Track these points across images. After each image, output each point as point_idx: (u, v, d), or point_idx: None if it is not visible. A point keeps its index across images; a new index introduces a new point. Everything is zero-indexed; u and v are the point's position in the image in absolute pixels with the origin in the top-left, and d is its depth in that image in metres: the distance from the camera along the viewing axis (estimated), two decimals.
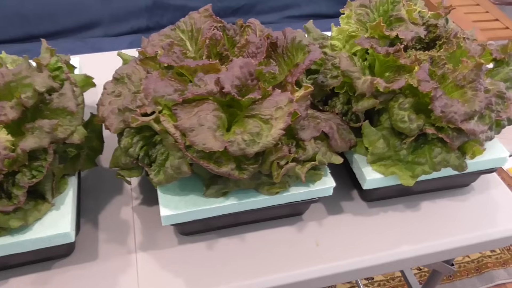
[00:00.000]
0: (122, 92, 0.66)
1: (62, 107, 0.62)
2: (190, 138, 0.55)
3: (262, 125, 0.58)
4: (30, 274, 0.65)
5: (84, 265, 0.67)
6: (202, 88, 0.58)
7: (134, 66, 0.69)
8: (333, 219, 0.75)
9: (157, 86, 0.59)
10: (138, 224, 0.72)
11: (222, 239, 0.71)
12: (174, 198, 0.64)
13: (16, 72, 0.62)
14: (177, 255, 0.69)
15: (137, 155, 0.63)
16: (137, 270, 0.66)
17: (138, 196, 0.76)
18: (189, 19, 0.75)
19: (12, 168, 0.57)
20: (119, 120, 0.63)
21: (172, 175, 0.60)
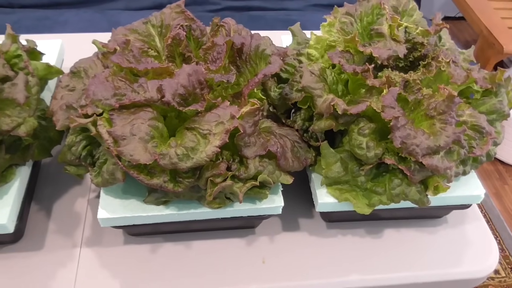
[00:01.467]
0: (77, 88, 0.65)
1: (11, 98, 0.62)
2: (119, 147, 0.54)
3: (200, 140, 0.56)
4: None
5: (28, 254, 0.68)
6: (141, 95, 0.56)
7: (93, 60, 0.68)
8: (286, 236, 0.72)
9: (97, 89, 0.57)
10: (90, 217, 0.72)
11: (168, 244, 0.70)
12: (115, 201, 0.63)
13: None
14: (120, 255, 0.68)
15: (79, 154, 0.62)
16: (78, 265, 0.67)
17: (96, 189, 0.76)
18: (160, 14, 0.73)
19: None
20: (65, 117, 0.62)
21: (107, 180, 0.59)
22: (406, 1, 0.77)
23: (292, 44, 0.81)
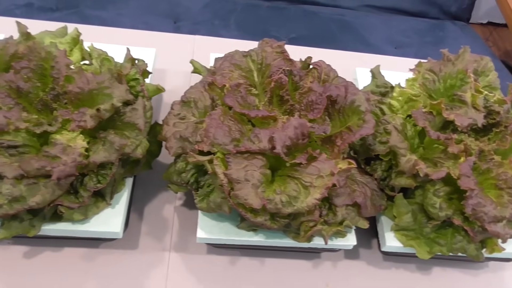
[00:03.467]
0: (186, 116, 0.73)
1: (132, 123, 0.70)
2: (234, 190, 0.62)
3: (301, 190, 0.64)
4: (81, 248, 0.77)
5: (125, 251, 0.78)
6: (256, 145, 0.64)
7: (202, 92, 0.75)
8: (348, 263, 0.82)
9: (217, 133, 0.65)
10: (176, 224, 0.82)
11: (244, 258, 0.80)
12: (211, 222, 0.72)
13: (99, 81, 0.70)
14: (203, 263, 0.78)
15: (188, 180, 0.70)
16: (168, 267, 0.77)
17: (182, 197, 0.85)
18: (262, 52, 0.79)
19: (82, 171, 0.67)
20: (178, 145, 0.70)
21: (213, 209, 0.68)
22: (485, 63, 0.83)
23: (371, 85, 0.88)
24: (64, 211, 0.66)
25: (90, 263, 0.76)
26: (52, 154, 0.64)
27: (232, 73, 0.75)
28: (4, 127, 0.63)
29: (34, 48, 0.69)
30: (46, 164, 0.63)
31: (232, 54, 0.80)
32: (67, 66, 0.69)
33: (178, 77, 1.04)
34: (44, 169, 0.62)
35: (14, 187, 0.62)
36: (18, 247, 0.75)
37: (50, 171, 0.62)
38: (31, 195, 0.63)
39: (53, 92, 0.70)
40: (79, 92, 0.69)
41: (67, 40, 0.76)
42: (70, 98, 0.70)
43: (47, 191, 0.64)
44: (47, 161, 0.63)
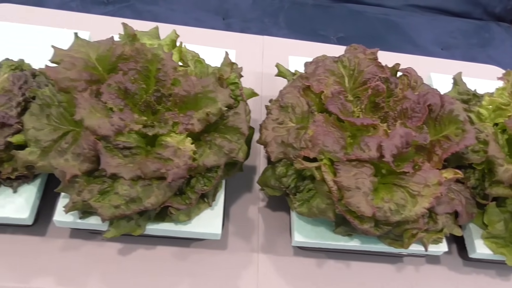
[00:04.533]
0: (284, 121, 0.74)
1: (235, 127, 0.71)
2: (345, 198, 0.63)
3: (408, 199, 0.65)
4: (173, 247, 0.78)
5: (215, 252, 0.79)
6: (366, 153, 0.65)
7: (298, 97, 0.76)
8: (429, 268, 0.83)
9: (326, 140, 0.66)
10: (262, 226, 0.83)
11: (330, 261, 0.81)
12: (307, 226, 0.74)
13: (204, 85, 0.70)
14: (290, 264, 0.80)
15: (289, 185, 0.72)
16: (258, 268, 0.78)
17: (264, 199, 0.87)
18: (354, 58, 0.80)
19: (189, 174, 0.68)
20: (280, 150, 0.71)
21: (315, 214, 0.69)
22: None
23: (452, 92, 0.88)
24: (174, 212, 0.67)
25: (182, 262, 0.77)
26: (165, 156, 0.65)
27: (327, 79, 0.76)
28: (122, 129, 0.64)
29: (142, 50, 0.70)
30: (161, 167, 0.64)
31: (322, 59, 0.81)
32: (174, 69, 0.70)
33: (250, 78, 1.04)
34: (159, 171, 0.64)
35: (132, 188, 0.64)
36: (113, 244, 0.77)
37: (165, 173, 0.64)
38: (146, 197, 0.64)
39: (157, 94, 0.71)
40: (185, 95, 0.70)
41: (166, 42, 0.77)
42: (175, 101, 0.71)
43: (160, 192, 0.65)
44: (161, 163, 0.64)
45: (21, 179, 0.70)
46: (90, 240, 0.77)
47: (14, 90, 0.72)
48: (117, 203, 0.63)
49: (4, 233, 0.76)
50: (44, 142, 0.66)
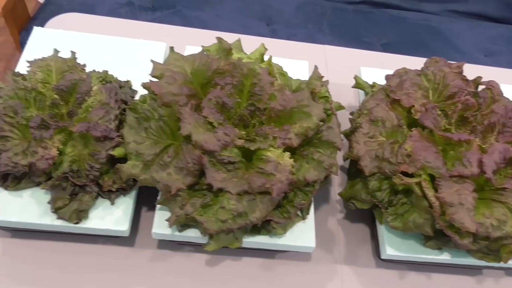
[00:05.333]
0: (375, 135, 0.75)
1: (330, 141, 0.71)
2: (448, 214, 0.64)
3: (509, 214, 0.66)
4: (258, 258, 0.79)
5: (299, 263, 0.80)
6: (468, 169, 0.66)
7: (387, 111, 0.76)
8: (508, 280, 0.83)
9: (428, 156, 0.67)
10: (342, 237, 0.84)
11: (413, 273, 0.82)
12: (397, 239, 0.74)
13: (299, 99, 0.71)
14: (374, 276, 0.80)
15: (382, 199, 0.72)
16: (342, 279, 0.79)
17: (342, 210, 0.87)
18: (439, 71, 0.80)
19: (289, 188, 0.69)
20: (374, 165, 0.72)
21: (411, 228, 0.70)
22: None
23: None
24: (275, 226, 0.68)
25: (269, 273, 0.78)
26: (267, 171, 0.66)
27: (416, 93, 0.77)
28: (229, 144, 0.65)
29: (238, 64, 0.71)
30: (266, 182, 0.65)
31: (404, 72, 0.82)
32: (271, 84, 0.71)
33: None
34: (264, 186, 0.65)
35: (239, 202, 0.64)
36: (201, 255, 0.78)
37: (270, 188, 0.65)
38: (252, 211, 0.65)
39: (250, 108, 0.72)
40: (281, 110, 0.71)
41: (256, 56, 0.78)
42: (269, 115, 0.71)
43: (263, 207, 0.66)
44: (265, 178, 0.65)
45: (119, 192, 0.71)
46: (177, 251, 0.78)
47: (111, 103, 0.73)
48: (224, 217, 0.64)
49: (95, 243, 0.77)
50: (146, 155, 0.67)
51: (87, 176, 0.69)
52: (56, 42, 0.86)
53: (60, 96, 0.72)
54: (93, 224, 0.69)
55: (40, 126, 0.68)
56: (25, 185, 0.71)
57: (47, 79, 0.73)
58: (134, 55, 0.91)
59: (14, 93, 0.69)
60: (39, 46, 0.87)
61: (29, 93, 0.70)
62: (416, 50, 1.57)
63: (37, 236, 0.76)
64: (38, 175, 0.70)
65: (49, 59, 0.74)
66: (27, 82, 0.71)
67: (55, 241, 0.76)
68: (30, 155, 0.66)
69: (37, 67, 0.72)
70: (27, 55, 0.87)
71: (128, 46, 0.92)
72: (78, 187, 0.70)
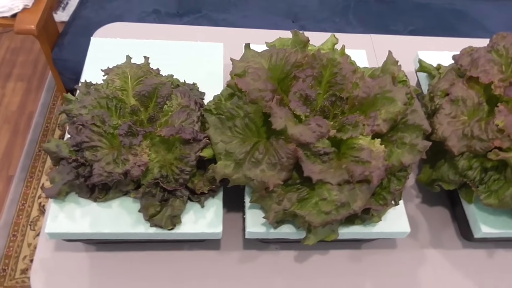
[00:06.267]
0: (457, 115, 0.74)
1: (417, 124, 0.70)
2: None
3: None
4: (345, 250, 0.78)
5: (387, 251, 0.79)
6: None
7: (465, 89, 0.76)
8: None
9: None
10: (423, 220, 0.83)
11: (501, 250, 0.81)
12: (489, 217, 0.74)
13: (382, 85, 0.71)
14: (463, 258, 0.79)
15: (474, 177, 0.71)
16: (433, 265, 0.78)
17: (418, 195, 0.86)
18: (510, 46, 0.79)
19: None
20: (463, 144, 0.71)
21: (508, 203, 0.69)
22: None
23: None
24: (375, 214, 0.67)
25: (358, 264, 0.77)
26: (363, 159, 0.65)
27: (492, 69, 0.76)
28: (325, 135, 0.64)
29: (318, 56, 0.71)
30: (365, 170, 0.64)
31: (477, 50, 0.81)
32: (353, 72, 0.70)
33: None
34: (363, 174, 0.64)
35: (341, 193, 0.64)
36: (287, 252, 0.77)
37: (369, 175, 0.64)
38: (353, 201, 0.64)
39: (331, 98, 0.71)
40: (365, 97, 0.70)
41: (329, 46, 0.77)
42: (352, 104, 0.71)
43: (363, 195, 0.65)
44: (363, 166, 0.64)
45: (209, 194, 0.70)
46: (264, 250, 0.77)
47: (191, 105, 0.72)
48: (328, 209, 0.63)
49: (181, 250, 0.76)
50: (238, 154, 0.66)
51: (177, 181, 0.68)
52: (115, 51, 0.85)
53: (140, 102, 0.71)
54: (187, 228, 0.68)
55: (128, 133, 0.67)
56: (113, 195, 0.70)
57: (124, 87, 0.72)
58: (194, 57, 0.90)
59: (96, 102, 0.69)
60: (100, 56, 0.87)
61: (110, 102, 0.69)
62: (446, 34, 1.56)
63: (121, 248, 0.75)
64: (126, 184, 0.69)
65: (123, 66, 0.73)
66: (108, 90, 0.70)
67: (139, 251, 0.75)
68: (121, 164, 0.65)
69: (114, 74, 0.71)
70: (89, 66, 0.86)
71: (185, 49, 0.92)
72: (167, 193, 0.69)
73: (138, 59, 0.77)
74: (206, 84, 0.84)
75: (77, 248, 0.75)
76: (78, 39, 1.47)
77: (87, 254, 0.74)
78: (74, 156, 0.69)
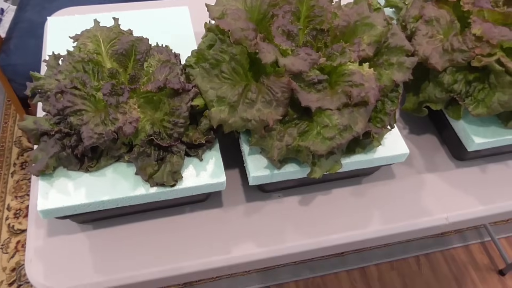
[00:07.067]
0: (434, 34, 0.75)
1: (399, 46, 0.71)
2: None
3: None
4: (347, 187, 0.78)
5: (386, 182, 0.79)
6: None
7: (436, 9, 0.77)
8: None
9: (501, 31, 0.68)
10: (415, 150, 0.84)
11: (492, 165, 0.83)
12: (478, 129, 0.76)
13: (359, 12, 0.71)
14: (459, 177, 0.81)
15: (460, 90, 0.73)
16: (431, 188, 0.79)
17: (405, 126, 0.88)
18: None
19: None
20: (445, 59, 0.72)
21: (497, 109, 0.71)
22: None
23: None
24: (376, 135, 0.67)
25: (362, 198, 0.77)
26: (356, 82, 0.65)
27: None
28: (316, 62, 0.64)
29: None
30: (361, 91, 0.64)
31: None
32: (330, 2, 0.70)
33: None
34: (360, 96, 0.63)
35: (342, 116, 0.63)
36: (291, 198, 0.76)
37: (366, 96, 0.64)
38: (354, 123, 0.64)
39: (313, 32, 0.71)
40: (345, 26, 0.70)
41: None
42: (334, 34, 0.71)
43: (362, 118, 0.65)
44: (359, 88, 0.64)
45: (205, 146, 0.68)
46: (267, 199, 0.76)
47: (172, 59, 0.69)
48: (331, 134, 0.62)
49: (183, 213, 0.73)
50: (231, 97, 0.64)
51: (171, 136, 0.65)
52: (75, 28, 0.81)
53: (118, 62, 0.68)
54: (190, 183, 0.65)
55: (112, 92, 0.63)
56: (105, 162, 0.66)
57: (98, 50, 0.68)
58: (160, 24, 0.87)
59: (72, 67, 0.64)
60: (60, 35, 0.82)
61: (87, 65, 0.65)
62: None
63: (119, 222, 0.71)
64: (117, 148, 0.66)
65: (93, 30, 0.69)
66: (82, 53, 0.66)
67: (139, 221, 0.71)
68: (111, 124, 0.61)
69: (85, 38, 0.67)
70: (50, 47, 0.81)
71: (151, 17, 0.88)
72: (162, 151, 0.66)
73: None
74: (179, 48, 0.81)
75: (72, 230, 0.70)
76: (25, 42, 1.39)
77: (84, 234, 0.70)
78: (57, 128, 0.64)
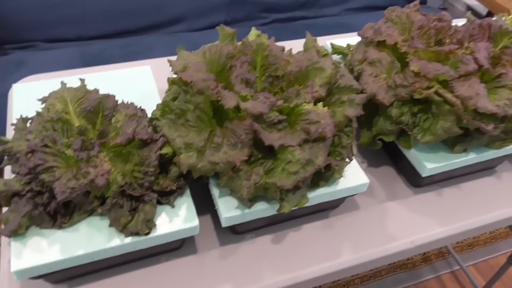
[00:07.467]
0: (378, 74, 0.83)
1: (348, 85, 0.78)
2: (471, 104, 0.73)
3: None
4: (315, 222, 0.81)
5: (352, 214, 0.83)
6: (470, 66, 0.76)
7: (378, 52, 0.86)
8: None
9: (435, 66, 0.76)
10: (375, 181, 0.89)
11: (446, 189, 0.89)
12: (429, 155, 0.82)
13: (309, 58, 0.78)
14: (418, 202, 0.86)
15: (407, 121, 0.80)
16: (394, 215, 0.84)
17: (363, 161, 0.93)
18: (401, 13, 0.92)
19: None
20: (390, 94, 0.80)
21: (441, 135, 0.78)
22: None
23: None
24: (336, 168, 0.72)
25: (330, 231, 0.80)
26: (313, 120, 0.70)
27: (393, 33, 0.88)
28: (275, 104, 0.69)
29: (248, 43, 0.76)
30: (318, 127, 0.69)
31: (375, 24, 0.93)
32: (282, 51, 0.77)
33: None
34: (318, 132, 0.69)
35: (303, 151, 0.68)
36: (263, 238, 0.78)
37: (323, 132, 0.69)
38: (315, 157, 0.68)
39: (269, 80, 0.77)
40: (298, 71, 0.77)
41: (253, 37, 0.84)
42: (289, 79, 0.77)
43: (322, 152, 0.69)
44: (317, 125, 0.69)
45: (176, 192, 0.70)
46: (240, 242, 0.78)
47: (138, 113, 0.73)
48: (295, 169, 0.66)
49: (159, 263, 0.73)
50: (198, 143, 0.67)
51: (142, 185, 0.67)
52: (41, 92, 0.84)
53: (87, 120, 0.70)
54: (163, 229, 0.67)
55: (82, 147, 0.65)
56: (78, 217, 0.67)
57: (66, 109, 0.71)
58: (124, 84, 0.91)
59: (42, 126, 0.67)
60: (26, 101, 0.84)
61: (56, 124, 0.68)
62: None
63: (95, 278, 0.70)
64: (90, 202, 0.67)
65: (61, 91, 0.72)
66: (51, 113, 0.68)
67: (115, 275, 0.71)
68: (83, 178, 0.63)
69: (54, 99, 0.70)
70: (17, 113, 0.82)
71: (115, 78, 0.93)
72: (135, 201, 0.68)
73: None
74: (144, 104, 0.84)
75: None
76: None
77: None
78: (28, 187, 0.65)
